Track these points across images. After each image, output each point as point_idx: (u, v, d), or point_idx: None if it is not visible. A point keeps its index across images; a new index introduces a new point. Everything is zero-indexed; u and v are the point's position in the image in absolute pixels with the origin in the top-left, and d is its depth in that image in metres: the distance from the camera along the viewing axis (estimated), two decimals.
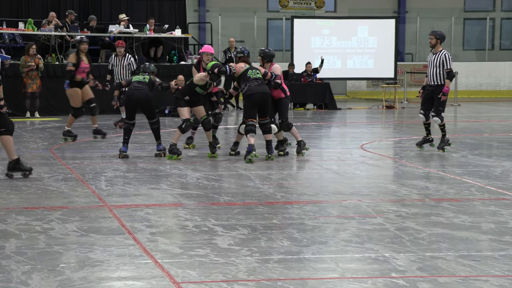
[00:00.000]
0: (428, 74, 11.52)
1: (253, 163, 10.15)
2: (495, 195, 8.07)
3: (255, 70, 10.72)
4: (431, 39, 11.48)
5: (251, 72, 10.65)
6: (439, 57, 11.34)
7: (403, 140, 13.68)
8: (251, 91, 10.51)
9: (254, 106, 10.56)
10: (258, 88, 10.52)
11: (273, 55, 11.25)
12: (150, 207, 7.36)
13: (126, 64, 15.38)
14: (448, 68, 11.31)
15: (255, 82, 10.55)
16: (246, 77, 10.60)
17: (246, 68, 10.71)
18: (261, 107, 10.60)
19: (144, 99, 10.74)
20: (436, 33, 11.58)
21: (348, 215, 7.02)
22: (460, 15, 29.99)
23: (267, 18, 29.20)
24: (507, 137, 14.24)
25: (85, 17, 20.95)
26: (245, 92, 10.56)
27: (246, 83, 10.55)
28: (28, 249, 5.71)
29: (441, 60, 11.32)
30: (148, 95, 10.78)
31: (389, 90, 23.27)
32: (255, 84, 10.53)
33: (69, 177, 9.13)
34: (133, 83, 10.94)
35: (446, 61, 11.32)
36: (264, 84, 10.66)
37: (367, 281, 4.93)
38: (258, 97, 10.51)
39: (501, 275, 5.07)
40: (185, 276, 5.02)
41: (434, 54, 11.43)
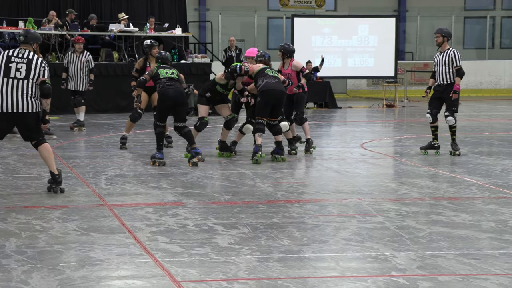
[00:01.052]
0: (436, 74, 11.11)
1: (260, 163, 10.07)
2: (495, 194, 8.07)
3: (273, 70, 10.61)
4: (437, 38, 11.13)
5: (269, 70, 10.54)
6: (447, 56, 10.97)
7: (404, 138, 13.68)
8: (268, 87, 10.32)
9: (269, 103, 10.36)
10: (275, 85, 10.37)
11: (293, 50, 11.29)
12: (150, 206, 7.36)
13: (84, 61, 14.74)
14: (457, 66, 10.92)
15: (273, 79, 10.40)
16: (264, 73, 10.45)
17: (264, 66, 10.60)
18: (275, 106, 10.41)
19: (182, 100, 10.05)
20: (442, 30, 11.21)
21: (348, 213, 7.03)
22: (460, 14, 29.99)
23: (268, 17, 29.21)
24: (507, 136, 14.24)
25: (85, 16, 20.95)
26: (262, 87, 10.33)
27: (264, 79, 10.38)
28: (28, 248, 5.71)
29: (449, 58, 10.94)
30: (184, 94, 10.09)
31: (390, 89, 23.28)
32: (273, 81, 10.38)
33: (69, 176, 9.12)
34: (161, 80, 10.08)
35: (455, 58, 10.94)
36: (281, 83, 10.51)
37: (367, 280, 4.93)
38: (275, 94, 10.33)
39: (501, 273, 5.07)
40: (186, 275, 5.02)
41: (442, 53, 11.07)
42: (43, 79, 7.79)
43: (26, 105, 7.74)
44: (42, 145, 7.91)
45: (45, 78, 7.81)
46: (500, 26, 30.83)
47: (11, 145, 11.89)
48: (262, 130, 10.32)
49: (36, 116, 7.85)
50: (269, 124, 10.50)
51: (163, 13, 23.11)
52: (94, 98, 18.96)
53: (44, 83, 7.79)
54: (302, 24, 24.18)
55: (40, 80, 7.79)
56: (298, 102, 11.32)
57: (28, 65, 7.78)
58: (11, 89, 7.73)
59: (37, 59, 7.85)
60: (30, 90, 7.76)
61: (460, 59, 11.04)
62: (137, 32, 19.89)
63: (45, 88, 7.79)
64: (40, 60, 7.85)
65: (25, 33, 8.04)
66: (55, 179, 7.93)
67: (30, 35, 8.00)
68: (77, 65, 14.72)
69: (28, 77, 7.76)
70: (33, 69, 7.77)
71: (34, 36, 8.05)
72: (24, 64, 7.78)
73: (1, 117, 7.79)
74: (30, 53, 7.87)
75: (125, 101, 19.46)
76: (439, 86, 11.10)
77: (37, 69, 7.79)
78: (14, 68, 7.76)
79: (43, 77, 7.80)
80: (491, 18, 29.99)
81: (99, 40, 20.11)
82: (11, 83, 7.74)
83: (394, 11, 29.37)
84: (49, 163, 7.94)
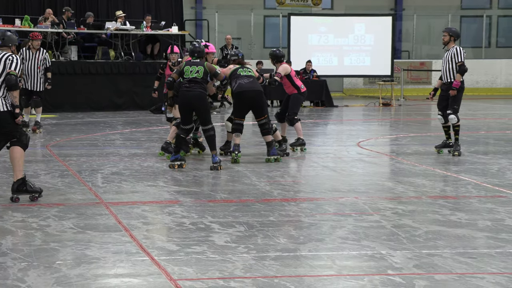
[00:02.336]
0: (442, 72, 11.05)
1: (239, 163, 9.97)
2: (491, 193, 8.07)
3: (246, 68, 10.37)
4: (444, 36, 11.02)
5: (242, 70, 10.29)
6: (450, 52, 10.90)
7: (400, 137, 13.68)
8: (241, 89, 10.10)
9: (245, 105, 10.20)
10: (249, 85, 10.12)
11: (280, 55, 11.32)
12: (147, 204, 7.36)
13: (41, 59, 13.90)
14: (459, 61, 10.82)
15: (246, 79, 10.17)
16: (236, 74, 10.23)
17: (235, 67, 10.35)
18: (254, 107, 10.20)
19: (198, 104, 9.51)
20: (450, 30, 11.11)
21: (344, 212, 7.03)
22: (456, 13, 30.01)
23: (264, 15, 29.20)
24: (503, 135, 14.25)
25: (82, 14, 20.92)
26: (235, 89, 10.16)
27: (237, 80, 10.17)
28: (25, 246, 5.70)
29: (452, 55, 10.86)
30: (201, 96, 9.51)
31: (386, 88, 23.29)
32: (246, 81, 10.15)
33: (66, 174, 9.12)
34: (184, 80, 9.63)
35: (457, 54, 10.85)
36: (256, 81, 10.29)
37: (364, 278, 4.94)
38: (249, 95, 10.11)
39: (498, 272, 5.08)
40: (182, 273, 5.02)
41: (447, 51, 10.99)
42: (8, 71, 7.31)
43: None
44: (12, 147, 7.46)
45: (10, 70, 7.31)
46: (496, 25, 30.87)
47: None
48: (240, 130, 10.20)
49: (5, 115, 7.34)
50: (258, 125, 10.30)
51: (160, 11, 23.09)
52: (90, 96, 18.97)
53: (8, 74, 7.31)
54: (298, 22, 24.19)
55: (5, 72, 7.32)
56: (292, 102, 11.33)
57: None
58: None
59: (3, 55, 7.39)
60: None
61: (464, 56, 10.92)
62: (133, 30, 19.87)
63: (7, 80, 7.29)
64: (8, 55, 7.39)
65: (1, 35, 7.60)
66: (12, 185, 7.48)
67: (7, 38, 7.58)
68: (33, 64, 13.87)
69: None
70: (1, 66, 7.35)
71: (11, 38, 7.62)
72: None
73: None
74: (2, 52, 7.46)
75: (121, 99, 19.47)
76: (444, 84, 11.03)
77: (1, 64, 7.33)
78: None
79: (9, 69, 7.32)
80: (487, 17, 30.02)
81: (96, 38, 20.09)
82: None
83: (391, 10, 29.38)
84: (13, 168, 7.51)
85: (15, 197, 7.44)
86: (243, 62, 10.56)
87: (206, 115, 9.61)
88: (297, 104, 11.41)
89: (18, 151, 7.43)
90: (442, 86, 11.11)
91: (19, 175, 7.44)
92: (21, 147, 7.44)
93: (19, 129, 7.49)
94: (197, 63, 9.66)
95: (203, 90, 9.55)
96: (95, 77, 19.02)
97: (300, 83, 11.50)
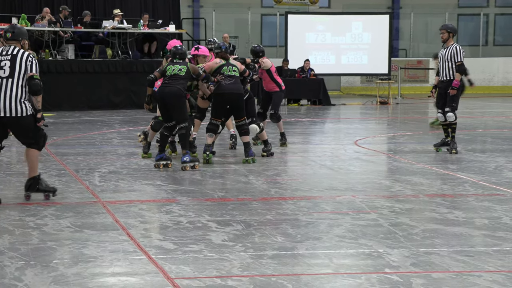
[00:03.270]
0: (440, 70, 11.03)
1: (211, 163, 9.73)
2: (488, 191, 8.08)
3: (231, 66, 10.02)
4: (442, 34, 10.94)
5: (226, 68, 9.96)
6: (450, 51, 10.87)
7: (397, 136, 13.69)
8: (221, 90, 9.85)
9: (223, 106, 9.96)
10: (230, 87, 9.86)
11: (259, 51, 11.34)
12: (144, 203, 7.36)
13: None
14: (459, 61, 10.82)
15: (228, 80, 9.91)
16: (220, 73, 9.94)
17: (221, 64, 10.04)
18: (233, 108, 9.99)
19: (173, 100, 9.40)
20: (447, 26, 11.07)
21: (342, 211, 7.03)
22: (454, 11, 30.03)
23: (261, 13, 29.20)
24: (500, 133, 14.26)
25: (79, 12, 20.91)
26: (216, 89, 9.92)
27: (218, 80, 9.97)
28: (22, 245, 5.70)
29: (452, 54, 10.85)
30: (177, 93, 9.38)
31: (383, 86, 23.29)
32: (227, 82, 9.90)
33: (63, 172, 9.11)
34: (166, 78, 9.53)
35: (456, 53, 10.83)
36: (238, 83, 10.03)
37: (361, 277, 4.94)
38: (228, 98, 9.88)
39: (495, 270, 5.08)
40: (179, 272, 5.02)
41: (445, 49, 10.95)
42: (30, 74, 7.09)
43: (15, 109, 7.06)
44: (29, 149, 7.33)
45: (32, 73, 7.10)
46: (493, 23, 30.89)
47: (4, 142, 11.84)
48: (214, 130, 9.94)
49: (29, 119, 7.16)
50: (236, 126, 10.11)
51: (157, 10, 23.09)
52: (88, 95, 18.96)
53: (32, 78, 7.09)
54: (295, 21, 24.19)
55: (28, 75, 7.10)
56: (274, 100, 11.49)
57: (12, 61, 7.10)
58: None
59: (23, 54, 7.16)
60: (18, 91, 7.06)
61: (463, 55, 10.91)
62: (130, 29, 19.86)
63: (33, 85, 7.10)
64: (27, 55, 7.16)
65: (11, 29, 7.37)
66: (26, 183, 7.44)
67: (17, 31, 7.33)
68: None
69: (12, 75, 7.07)
70: (18, 65, 7.08)
71: (21, 32, 7.37)
72: (8, 61, 7.11)
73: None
74: (16, 48, 7.20)
75: (119, 98, 19.46)
76: (442, 82, 11.01)
77: (22, 65, 7.09)
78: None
79: (30, 72, 7.10)
80: (484, 15, 30.04)
81: (93, 37, 20.08)
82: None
83: (388, 8, 29.38)
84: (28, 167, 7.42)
85: (27, 194, 7.41)
86: (227, 56, 10.18)
87: (180, 112, 9.42)
88: (279, 101, 11.63)
89: (35, 153, 7.35)
90: (440, 84, 11.09)
91: (33, 173, 7.37)
92: (37, 150, 7.36)
93: (40, 132, 7.33)
94: (180, 63, 9.58)
95: (181, 87, 9.41)
96: (92, 76, 19.00)
97: (280, 81, 11.57)
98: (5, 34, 7.36)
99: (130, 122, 15.79)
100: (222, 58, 10.12)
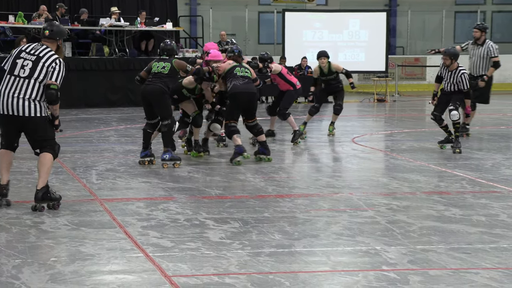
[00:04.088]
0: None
1: (241, 165, 9.53)
2: (486, 188, 8.09)
3: (244, 68, 10.01)
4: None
5: (239, 69, 9.93)
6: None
7: (394, 133, 13.70)
8: (236, 90, 9.75)
9: (239, 107, 9.87)
10: (244, 87, 9.78)
11: (266, 58, 11.62)
12: (141, 201, 7.35)
13: None
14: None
15: (241, 81, 9.82)
16: (232, 74, 9.89)
17: (234, 65, 10.01)
18: (247, 108, 9.90)
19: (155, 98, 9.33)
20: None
21: (339, 208, 7.03)
22: (451, 8, 30.02)
23: (259, 11, 29.16)
24: (497, 130, 14.27)
25: (76, 10, 20.88)
26: (230, 90, 9.83)
27: (232, 81, 9.85)
28: (19, 243, 5.69)
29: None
30: (158, 91, 9.31)
31: (380, 84, 23.30)
32: (241, 82, 9.82)
33: (60, 170, 9.10)
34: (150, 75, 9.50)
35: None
36: (251, 83, 9.99)
37: (358, 274, 4.94)
38: (244, 97, 9.77)
39: (492, 267, 5.09)
40: (177, 269, 5.02)
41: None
42: (49, 82, 6.70)
43: (28, 108, 6.73)
44: (43, 153, 6.91)
45: (51, 81, 6.70)
46: (490, 21, 30.86)
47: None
48: (236, 131, 9.71)
49: (42, 121, 6.83)
50: (249, 126, 10.01)
51: (154, 7, 23.07)
52: (85, 92, 18.93)
53: (49, 88, 6.70)
54: (293, 18, 24.19)
55: (47, 82, 6.73)
56: (285, 98, 11.70)
57: (35, 62, 6.75)
58: (12, 89, 6.74)
59: (48, 58, 6.76)
60: (33, 92, 6.73)
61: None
62: (127, 27, 19.85)
63: (48, 95, 6.71)
64: (52, 59, 6.75)
65: (50, 26, 6.92)
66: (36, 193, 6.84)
67: (56, 29, 6.91)
68: None
69: (31, 77, 6.72)
70: (39, 68, 6.72)
71: (60, 31, 6.95)
72: (31, 61, 6.75)
73: (3, 119, 6.83)
74: (46, 49, 6.83)
75: (116, 95, 19.44)
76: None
77: (43, 69, 6.72)
78: (20, 64, 6.77)
79: (49, 79, 6.71)
80: (481, 12, 30.03)
81: (90, 34, 20.07)
82: (12, 81, 6.75)
83: (385, 6, 29.36)
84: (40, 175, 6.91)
85: (40, 206, 6.80)
86: (239, 59, 10.20)
87: (164, 110, 9.36)
88: (290, 100, 11.76)
89: (50, 158, 6.89)
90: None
91: (44, 182, 6.85)
92: (52, 155, 6.92)
93: (54, 137, 7.00)
94: (165, 60, 9.55)
95: (163, 86, 9.31)
96: (89, 73, 18.98)
97: (295, 80, 11.77)
98: (43, 32, 6.98)
99: (127, 120, 15.78)
100: (234, 61, 10.08)
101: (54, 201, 6.89)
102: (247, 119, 9.98)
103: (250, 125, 9.96)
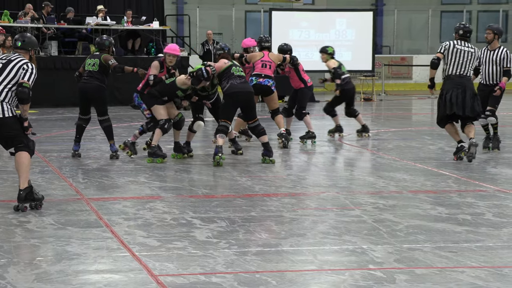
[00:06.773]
0: (484, 73, 10.67)
1: (222, 166, 9.35)
2: (471, 187, 8.12)
3: (238, 67, 9.89)
4: (488, 34, 10.57)
5: (235, 69, 9.78)
6: (500, 54, 10.50)
7: (381, 132, 13.73)
8: (233, 89, 9.59)
9: (235, 106, 9.82)
10: (242, 86, 9.65)
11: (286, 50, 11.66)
12: (128, 200, 7.34)
13: None
14: (508, 67, 10.46)
15: (238, 80, 9.72)
16: (229, 73, 9.75)
17: (229, 64, 9.86)
18: (245, 108, 9.84)
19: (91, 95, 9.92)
20: (493, 27, 10.68)
21: (326, 207, 7.04)
22: (437, 8, 30.12)
23: (245, 10, 29.16)
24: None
25: (62, 9, 20.80)
26: (227, 89, 9.67)
27: (228, 80, 9.71)
28: (4, 242, 5.67)
29: (502, 58, 10.46)
30: (94, 89, 9.84)
31: (367, 83, 23.35)
32: (238, 81, 9.70)
33: (46, 170, 9.07)
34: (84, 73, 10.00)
35: (508, 59, 10.44)
36: (247, 82, 9.99)
37: (345, 273, 4.95)
38: (242, 97, 9.69)
39: (478, 266, 5.11)
40: (163, 269, 5.01)
41: (491, 51, 10.58)
42: (21, 81, 6.68)
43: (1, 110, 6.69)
44: (18, 152, 6.81)
45: (23, 80, 6.68)
46: (476, 20, 30.98)
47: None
48: (224, 132, 9.62)
49: (12, 121, 6.74)
50: (250, 128, 9.90)
51: (141, 6, 23.01)
52: (71, 91, 18.83)
53: (21, 85, 6.68)
54: (279, 17, 24.18)
55: (19, 81, 6.70)
56: (300, 97, 11.77)
57: (5, 65, 6.76)
58: None
59: (19, 60, 6.78)
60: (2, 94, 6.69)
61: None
62: (114, 25, 19.79)
63: (20, 92, 6.68)
64: (23, 62, 6.77)
65: (21, 37, 7.02)
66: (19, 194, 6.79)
67: (27, 40, 7.01)
68: None
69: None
70: (9, 69, 6.72)
71: (32, 42, 7.04)
72: (1, 64, 6.78)
73: None
74: (19, 56, 6.85)
75: None
76: (485, 85, 10.71)
77: (14, 69, 6.72)
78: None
79: (22, 79, 6.69)
80: (467, 12, 30.14)
81: (76, 33, 20.00)
82: None
83: (372, 5, 29.41)
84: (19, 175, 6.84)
85: (23, 206, 6.75)
86: (229, 57, 10.11)
87: (102, 106, 9.99)
88: (305, 98, 11.86)
89: (26, 156, 6.79)
90: (482, 87, 10.77)
91: (26, 182, 6.80)
92: (28, 153, 6.82)
93: (28, 137, 6.90)
94: (95, 56, 9.98)
95: (99, 83, 9.88)
96: (76, 72, 18.88)
97: (307, 77, 11.83)
98: (14, 43, 7.06)
99: (114, 119, 15.65)
100: (225, 59, 9.97)
101: (36, 201, 6.85)
102: (247, 119, 9.93)
103: (252, 126, 9.84)
